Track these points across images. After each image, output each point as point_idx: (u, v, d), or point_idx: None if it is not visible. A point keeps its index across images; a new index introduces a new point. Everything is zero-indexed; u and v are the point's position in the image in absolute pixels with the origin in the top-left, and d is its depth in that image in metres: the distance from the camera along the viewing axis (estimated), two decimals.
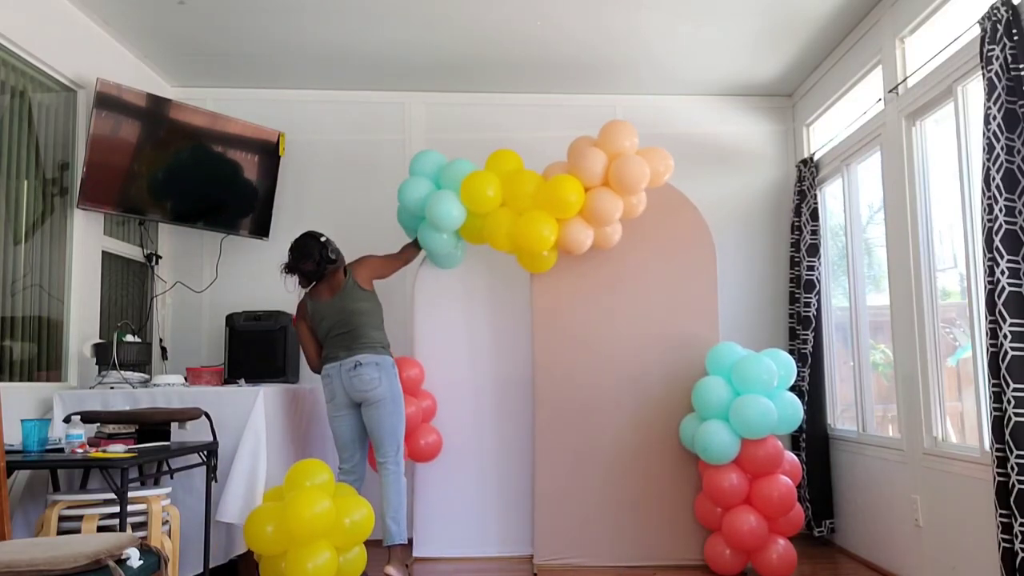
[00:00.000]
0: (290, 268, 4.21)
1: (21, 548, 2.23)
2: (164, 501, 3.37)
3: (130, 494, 3.11)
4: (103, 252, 4.53)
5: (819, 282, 4.96)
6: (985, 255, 3.10)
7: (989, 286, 3.07)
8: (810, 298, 4.94)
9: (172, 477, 3.66)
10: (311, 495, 3.56)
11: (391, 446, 4.09)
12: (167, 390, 3.96)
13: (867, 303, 4.72)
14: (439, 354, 4.83)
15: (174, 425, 3.63)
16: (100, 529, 3.16)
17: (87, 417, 3.41)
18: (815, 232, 4.96)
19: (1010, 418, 2.93)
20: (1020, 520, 2.88)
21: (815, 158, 5.16)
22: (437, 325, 4.85)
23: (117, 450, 3.13)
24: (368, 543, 4.80)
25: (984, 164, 3.12)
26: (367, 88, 5.42)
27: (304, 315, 4.30)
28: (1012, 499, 2.91)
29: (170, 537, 3.41)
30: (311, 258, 4.16)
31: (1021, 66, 3.05)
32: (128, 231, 4.87)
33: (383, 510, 4.05)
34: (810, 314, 4.93)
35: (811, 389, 4.90)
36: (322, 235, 4.23)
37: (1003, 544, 2.99)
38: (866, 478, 4.48)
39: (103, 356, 4.09)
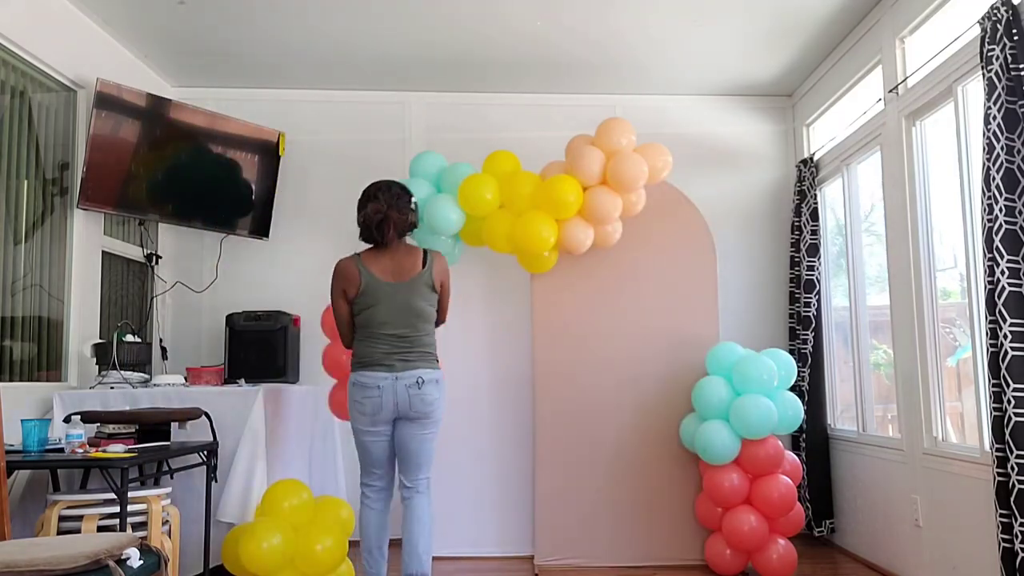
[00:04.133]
0: (376, 214, 3.36)
1: (21, 548, 2.23)
2: (164, 501, 3.37)
3: (130, 494, 3.11)
4: (103, 252, 4.53)
5: (819, 282, 4.95)
6: (985, 255, 3.10)
7: (989, 286, 3.07)
8: (810, 298, 4.94)
9: (172, 477, 3.66)
10: (262, 529, 3.40)
11: (427, 471, 3.47)
12: (167, 390, 3.96)
13: (867, 303, 4.72)
14: (439, 354, 4.83)
15: (174, 425, 3.63)
16: (100, 529, 3.16)
17: (87, 417, 3.41)
18: (815, 232, 4.96)
19: (1010, 418, 2.93)
20: (1020, 520, 2.88)
21: (815, 158, 5.16)
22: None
23: (117, 450, 3.13)
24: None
25: (984, 164, 3.12)
26: (367, 88, 5.41)
27: (346, 282, 3.41)
28: (1012, 499, 2.91)
29: (170, 537, 3.41)
30: (404, 210, 3.40)
31: (1021, 66, 3.05)
32: (128, 231, 4.87)
33: (413, 537, 3.37)
34: (810, 314, 4.93)
35: (811, 389, 4.89)
36: (411, 192, 3.52)
37: (1003, 544, 2.99)
38: (866, 478, 4.48)
39: (103, 356, 4.09)
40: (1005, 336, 2.98)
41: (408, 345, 3.38)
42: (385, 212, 3.37)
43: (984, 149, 3.12)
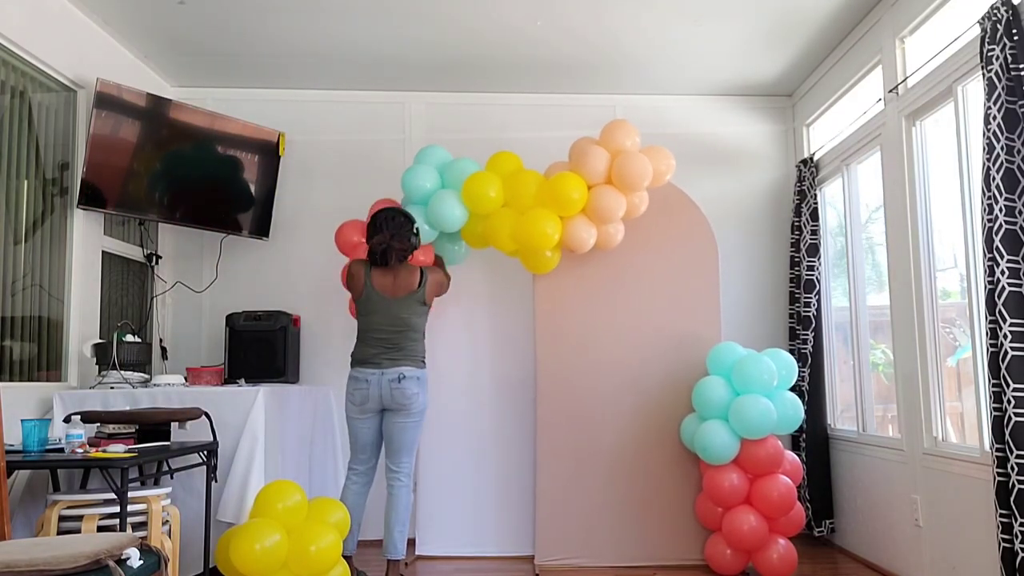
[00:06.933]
0: (379, 245, 3.91)
1: (21, 548, 2.23)
2: (164, 501, 3.38)
3: (130, 494, 3.11)
4: (103, 252, 4.53)
5: (819, 282, 4.95)
6: (985, 255, 3.10)
7: (989, 286, 3.07)
8: (810, 298, 4.94)
9: (172, 477, 3.66)
10: (255, 531, 3.39)
11: (408, 458, 3.99)
12: (167, 390, 3.96)
13: (867, 303, 4.72)
14: (441, 353, 4.83)
15: (174, 425, 3.63)
16: (100, 529, 3.16)
17: (87, 417, 3.41)
18: (815, 232, 4.96)
19: (1010, 418, 2.93)
20: (1020, 520, 2.88)
21: (815, 158, 5.16)
22: (439, 325, 4.85)
23: (117, 450, 3.13)
24: (368, 543, 4.81)
25: (984, 164, 3.12)
26: (367, 88, 5.41)
27: (352, 282, 4.02)
28: (1012, 499, 2.91)
29: (170, 537, 3.41)
30: (406, 239, 3.93)
31: (1021, 66, 3.05)
32: (128, 231, 4.87)
33: (390, 522, 3.93)
34: (810, 314, 4.93)
35: (811, 389, 4.89)
36: (413, 218, 3.99)
37: (1003, 544, 2.99)
38: (866, 478, 4.48)
39: (103, 356, 4.09)
40: (1005, 336, 2.98)
41: (395, 348, 3.95)
42: (388, 243, 3.93)
43: (984, 149, 3.12)
